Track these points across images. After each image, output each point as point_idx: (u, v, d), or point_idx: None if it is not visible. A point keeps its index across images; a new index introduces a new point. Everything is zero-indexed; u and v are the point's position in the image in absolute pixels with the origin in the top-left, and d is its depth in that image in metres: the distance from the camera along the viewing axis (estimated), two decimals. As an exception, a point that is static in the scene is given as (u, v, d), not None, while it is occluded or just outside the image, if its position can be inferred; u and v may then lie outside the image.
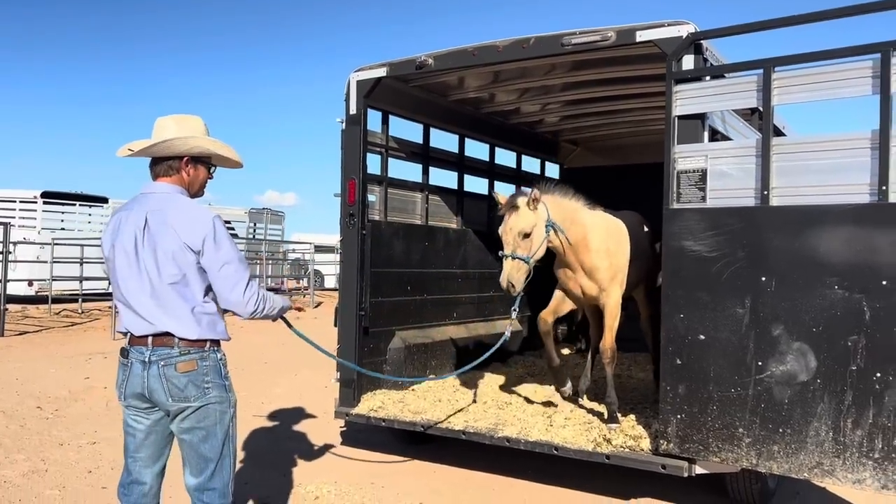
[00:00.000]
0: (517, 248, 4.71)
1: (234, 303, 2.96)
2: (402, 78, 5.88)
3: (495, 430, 5.01)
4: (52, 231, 18.65)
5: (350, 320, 5.74)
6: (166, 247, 2.87)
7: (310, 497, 4.94)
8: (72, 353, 10.79)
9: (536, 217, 4.78)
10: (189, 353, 2.91)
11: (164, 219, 2.90)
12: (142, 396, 2.95)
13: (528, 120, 7.81)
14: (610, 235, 5.23)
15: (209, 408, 2.96)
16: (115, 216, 3.05)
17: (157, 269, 2.88)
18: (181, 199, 3.00)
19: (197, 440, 2.97)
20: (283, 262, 26.66)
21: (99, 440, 6.20)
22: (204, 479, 2.99)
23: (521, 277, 4.72)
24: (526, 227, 4.72)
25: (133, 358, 2.95)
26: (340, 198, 5.86)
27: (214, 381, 2.97)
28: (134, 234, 2.92)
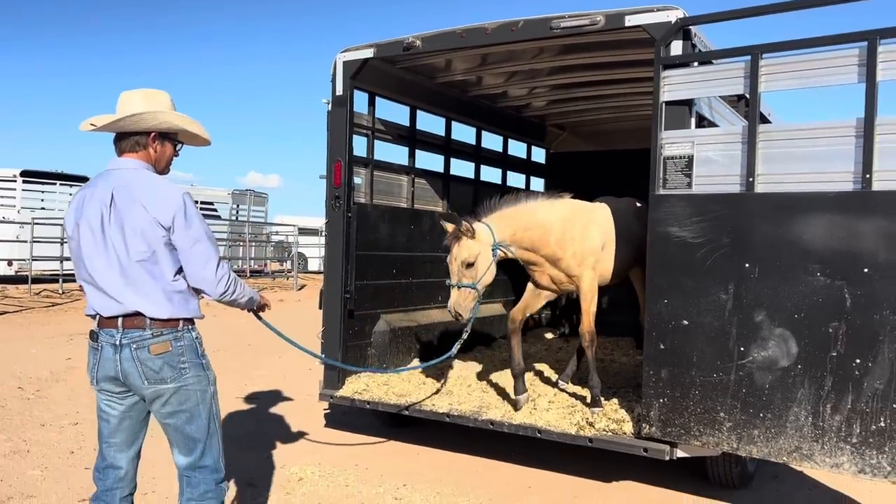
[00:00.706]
0: (462, 278, 4.80)
1: (206, 280, 2.88)
2: (389, 59, 5.83)
3: (479, 413, 5.04)
4: (32, 210, 18.42)
5: (335, 303, 5.73)
6: (135, 223, 2.78)
7: (293, 478, 4.95)
8: (53, 333, 10.71)
9: (480, 245, 4.84)
10: (162, 335, 2.83)
11: (131, 195, 2.80)
12: (115, 380, 2.87)
13: (515, 104, 7.79)
14: (572, 224, 5.19)
15: (188, 389, 2.90)
16: (78, 194, 2.95)
17: (125, 247, 2.79)
18: (149, 175, 2.91)
19: (181, 423, 2.92)
20: (266, 244, 26.55)
21: (81, 421, 6.17)
22: (195, 458, 2.97)
23: (469, 305, 4.82)
24: (468, 257, 4.80)
25: (103, 341, 2.86)
26: (326, 180, 5.83)
27: (191, 361, 2.90)
28: (100, 211, 2.82)
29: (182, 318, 2.88)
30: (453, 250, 4.85)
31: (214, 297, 2.94)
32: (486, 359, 6.84)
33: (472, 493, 4.76)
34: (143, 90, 2.98)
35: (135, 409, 2.96)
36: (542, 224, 5.08)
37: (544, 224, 5.09)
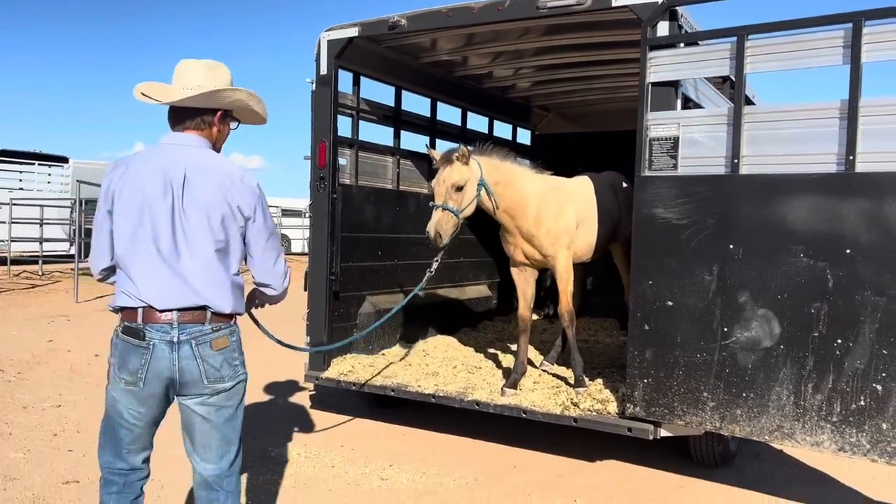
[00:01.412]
0: (448, 200, 4.82)
1: (277, 274, 2.78)
2: (374, 38, 5.78)
3: (465, 394, 5.06)
4: (10, 191, 18.14)
5: (320, 285, 5.71)
6: (213, 210, 2.57)
7: (280, 460, 4.95)
8: (33, 315, 10.60)
9: (469, 173, 4.90)
10: (221, 329, 2.64)
11: (212, 179, 2.59)
12: (168, 381, 2.59)
13: (500, 84, 7.75)
14: (547, 202, 5.21)
15: (238, 386, 2.73)
16: (130, 166, 2.61)
17: (200, 233, 2.56)
18: (221, 159, 2.71)
19: (223, 420, 2.69)
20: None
21: (63, 403, 6.12)
22: (226, 464, 2.74)
23: (449, 229, 4.83)
24: (458, 180, 4.84)
25: (153, 339, 2.55)
26: (310, 161, 5.78)
27: (240, 359, 2.75)
28: (169, 190, 2.55)
29: (238, 313, 2.73)
30: (443, 172, 4.88)
31: (278, 292, 2.84)
32: (471, 340, 6.87)
33: (458, 473, 4.79)
34: (205, 62, 2.74)
35: (160, 411, 2.71)
36: (520, 190, 5.11)
37: (521, 191, 5.12)
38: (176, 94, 2.65)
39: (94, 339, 8.47)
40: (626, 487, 4.65)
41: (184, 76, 2.69)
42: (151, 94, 2.66)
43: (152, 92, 2.67)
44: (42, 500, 4.16)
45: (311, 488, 4.49)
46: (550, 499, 4.41)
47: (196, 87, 2.64)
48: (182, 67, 2.71)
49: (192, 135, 2.70)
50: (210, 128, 2.74)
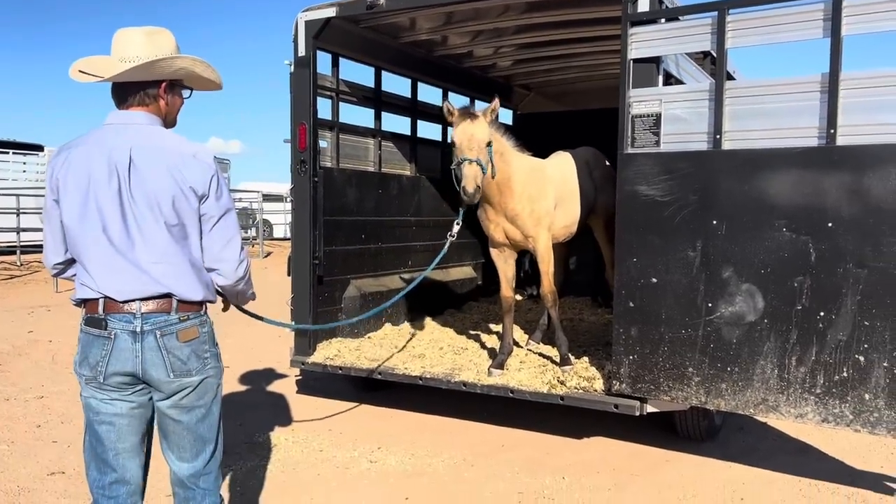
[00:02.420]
0: (480, 155, 4.65)
1: (227, 259, 2.49)
2: (352, 19, 5.69)
3: (452, 375, 5.06)
4: (-15, 181, 17.85)
5: (304, 269, 5.66)
6: (163, 190, 2.36)
7: (267, 445, 4.94)
8: (12, 306, 10.47)
9: (491, 132, 4.79)
10: (189, 319, 2.45)
11: (157, 157, 2.38)
12: (129, 375, 2.42)
13: (480, 64, 7.68)
14: (531, 181, 5.19)
15: (208, 382, 2.52)
16: (73, 151, 2.41)
17: (152, 217, 2.37)
18: (169, 134, 2.48)
19: (195, 420, 2.52)
20: (230, 211, 26.08)
21: (46, 394, 6.06)
22: (201, 464, 2.56)
23: (481, 185, 4.66)
24: (487, 136, 4.71)
25: (115, 328, 2.39)
26: (291, 144, 5.71)
27: (212, 351, 2.54)
28: (115, 174, 2.36)
29: (208, 300, 2.53)
30: (469, 127, 4.68)
31: (229, 281, 2.54)
32: (457, 321, 6.87)
33: (447, 454, 4.81)
34: (144, 29, 2.47)
35: (144, 406, 2.51)
36: (509, 164, 5.01)
37: (510, 166, 5.02)
38: (113, 69, 2.40)
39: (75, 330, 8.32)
40: (613, 463, 4.69)
41: (121, 47, 2.44)
42: (89, 70, 2.42)
43: (90, 68, 2.43)
44: (28, 491, 4.12)
45: (300, 473, 4.49)
46: (539, 476, 4.44)
47: (135, 59, 2.40)
48: (118, 37, 2.46)
49: (138, 111, 2.47)
50: (156, 101, 2.49)
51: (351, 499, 4.10)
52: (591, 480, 4.40)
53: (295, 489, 4.22)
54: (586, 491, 4.24)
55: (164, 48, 2.46)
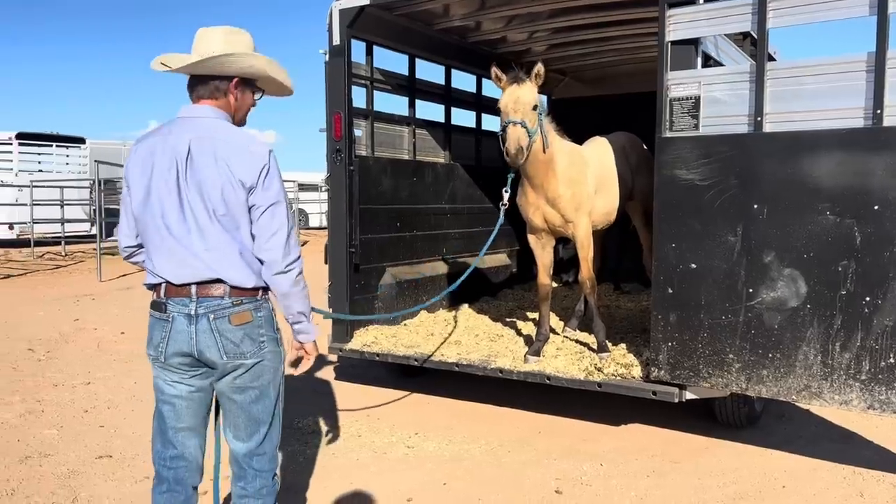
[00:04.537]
0: (525, 118, 4.59)
1: (270, 250, 2.49)
2: (386, 6, 5.70)
3: (488, 362, 5.07)
4: (30, 173, 18.32)
5: (340, 258, 5.72)
6: (215, 181, 2.44)
7: (307, 430, 5.02)
8: (59, 295, 10.75)
9: (538, 96, 4.72)
10: (242, 304, 2.52)
11: (212, 148, 2.45)
12: (187, 356, 2.53)
13: (515, 49, 7.63)
14: (572, 164, 5.13)
15: (264, 364, 2.60)
16: (142, 143, 2.55)
17: (204, 207, 2.45)
18: (229, 127, 2.56)
19: (249, 401, 2.61)
20: (266, 201, 26.39)
21: (93, 380, 6.23)
22: (254, 444, 2.65)
23: (525, 148, 4.58)
24: (534, 99, 4.65)
25: (173, 311, 2.51)
26: (326, 133, 5.75)
27: (268, 335, 2.60)
28: (175, 164, 2.46)
29: (262, 286, 2.58)
30: (518, 90, 4.63)
31: (271, 273, 2.52)
32: (492, 308, 6.88)
33: (483, 440, 4.83)
34: (224, 28, 2.59)
35: (204, 390, 2.63)
36: (552, 143, 4.93)
37: (553, 145, 4.94)
38: (183, 60, 2.51)
39: (119, 317, 8.59)
40: (651, 450, 4.66)
41: (201, 43, 2.56)
42: (169, 62, 2.53)
43: (170, 61, 2.54)
44: (77, 474, 4.25)
45: (339, 457, 4.55)
46: (576, 462, 4.44)
47: (210, 53, 2.50)
48: (199, 35, 2.59)
49: (207, 105, 2.56)
50: (226, 96, 2.58)
51: (389, 483, 4.14)
52: (630, 467, 4.38)
53: (335, 473, 4.28)
54: (625, 477, 4.23)
55: (241, 46, 2.57)
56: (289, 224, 2.54)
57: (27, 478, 4.17)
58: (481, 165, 7.68)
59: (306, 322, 2.65)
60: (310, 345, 2.72)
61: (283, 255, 2.51)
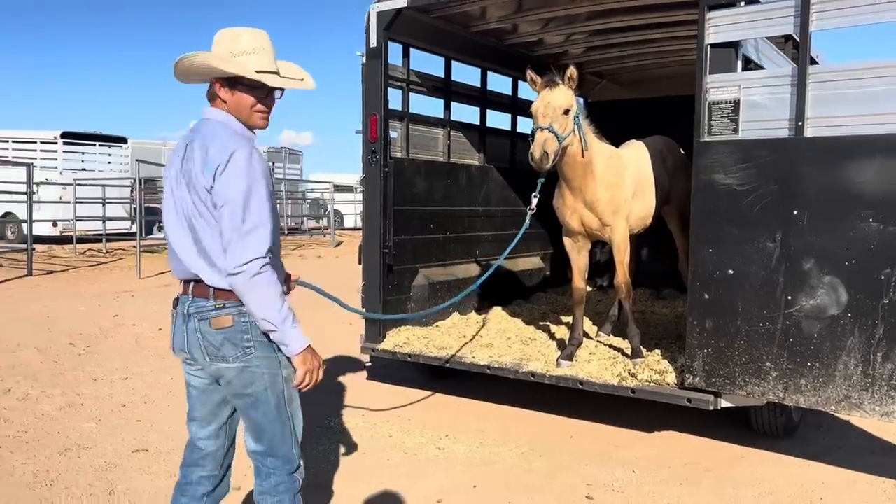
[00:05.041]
0: (554, 122, 4.56)
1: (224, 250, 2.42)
2: (423, 9, 5.72)
3: (520, 365, 5.05)
4: (74, 172, 18.77)
5: (374, 258, 5.75)
6: (195, 179, 2.45)
7: (337, 429, 5.05)
8: (99, 291, 10.98)
9: (573, 99, 4.67)
10: (224, 307, 2.49)
11: (198, 148, 2.47)
12: (185, 352, 2.61)
13: (551, 52, 7.60)
14: (611, 167, 5.07)
15: (253, 371, 2.54)
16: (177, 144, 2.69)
17: (192, 205, 2.47)
18: (218, 127, 2.53)
19: (246, 406, 2.61)
20: (302, 201, 26.76)
21: (131, 375, 6.35)
22: (263, 446, 2.65)
23: (552, 153, 4.53)
24: (565, 103, 4.60)
25: (178, 309, 2.61)
26: (362, 135, 5.79)
27: (258, 340, 2.53)
28: (176, 166, 2.56)
29: None
30: (549, 94, 4.61)
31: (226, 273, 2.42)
32: (524, 312, 6.85)
33: (514, 443, 4.81)
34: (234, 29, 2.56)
35: (214, 384, 2.67)
36: (591, 144, 4.88)
37: (592, 147, 4.89)
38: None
39: (157, 314, 8.74)
40: (685, 457, 4.60)
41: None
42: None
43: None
44: (115, 467, 4.34)
45: (370, 457, 4.57)
46: (608, 468, 4.40)
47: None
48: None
49: (212, 109, 2.60)
50: (217, 99, 2.57)
51: (419, 485, 4.15)
52: (662, 474, 4.33)
53: (365, 473, 4.31)
54: (657, 485, 4.18)
55: (218, 45, 2.54)
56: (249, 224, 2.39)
57: (66, 469, 4.26)
58: (516, 168, 7.66)
59: (278, 331, 2.47)
60: (297, 357, 2.52)
61: (231, 256, 2.40)
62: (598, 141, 5.09)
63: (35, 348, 7.02)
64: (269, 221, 2.45)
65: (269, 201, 2.47)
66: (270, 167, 15.46)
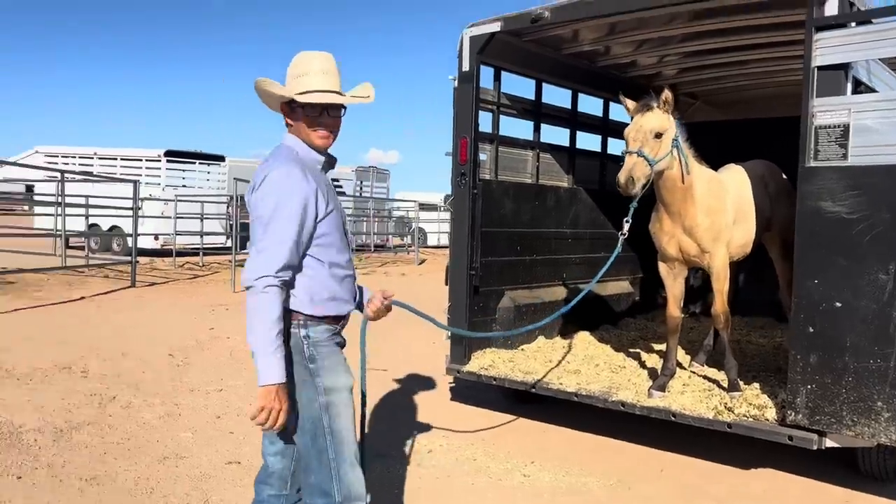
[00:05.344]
0: (644, 147, 4.45)
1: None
2: (515, 32, 5.74)
3: (609, 394, 4.93)
4: (175, 188, 19.73)
5: (461, 279, 5.77)
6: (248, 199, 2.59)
7: (423, 450, 5.06)
8: (196, 304, 11.46)
9: (669, 122, 4.55)
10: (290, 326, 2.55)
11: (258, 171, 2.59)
12: None
13: (644, 73, 7.48)
14: (711, 192, 4.90)
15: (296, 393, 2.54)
16: None
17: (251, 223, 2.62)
18: (278, 151, 2.62)
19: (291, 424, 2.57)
20: (387, 219, 27.21)
21: (225, 388, 6.57)
22: (305, 474, 2.61)
23: (642, 178, 4.41)
24: (658, 126, 4.48)
25: None
26: (452, 157, 5.85)
27: (296, 361, 2.52)
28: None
29: (293, 309, 2.54)
30: (638, 119, 4.54)
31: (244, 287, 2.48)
32: (613, 338, 6.71)
33: (601, 474, 4.69)
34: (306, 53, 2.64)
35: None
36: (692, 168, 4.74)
37: (693, 171, 4.74)
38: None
39: (249, 328, 9.02)
40: (783, 497, 4.37)
41: None
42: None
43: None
44: (209, 477, 4.48)
45: (454, 481, 4.55)
46: (701, 506, 4.23)
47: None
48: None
49: (286, 134, 2.68)
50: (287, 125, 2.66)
51: (505, 512, 4.10)
52: (760, 515, 4.12)
53: (450, 497, 4.29)
54: (754, 526, 3.98)
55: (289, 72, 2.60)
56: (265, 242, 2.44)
57: (165, 478, 4.44)
58: (605, 190, 7.55)
59: (257, 356, 2.42)
60: (259, 390, 2.41)
61: (245, 270, 2.47)
62: (699, 165, 4.94)
63: (138, 358, 7.37)
64: (289, 240, 2.43)
65: (296, 221, 2.45)
66: (358, 185, 15.89)
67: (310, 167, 2.58)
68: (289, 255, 2.44)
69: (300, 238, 2.47)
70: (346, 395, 2.59)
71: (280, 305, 2.43)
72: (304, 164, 2.57)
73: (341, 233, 2.66)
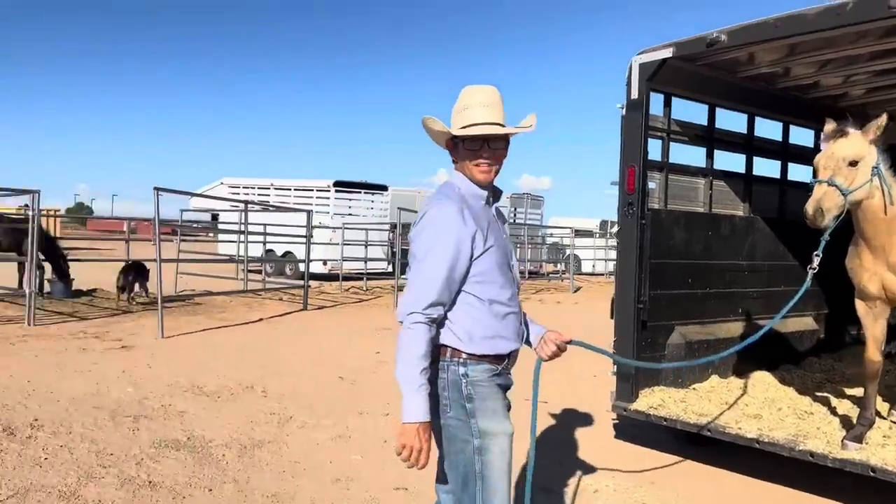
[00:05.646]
0: (836, 175, 4.09)
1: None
2: (688, 57, 5.53)
3: (796, 442, 4.54)
4: (342, 216, 20.85)
5: (627, 313, 5.58)
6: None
7: (588, 490, 4.91)
8: (362, 327, 11.96)
9: (868, 149, 4.16)
10: (438, 360, 2.52)
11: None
12: None
13: (828, 94, 6.95)
14: None
15: (448, 429, 2.53)
16: None
17: None
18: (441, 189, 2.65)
19: (442, 460, 2.62)
20: (541, 245, 27.10)
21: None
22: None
23: (833, 209, 4.04)
24: (854, 154, 4.11)
25: None
26: (618, 186, 5.71)
27: (454, 400, 2.50)
28: None
29: (442, 344, 2.51)
30: (835, 144, 4.21)
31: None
32: (796, 379, 6.21)
33: (787, 530, 4.32)
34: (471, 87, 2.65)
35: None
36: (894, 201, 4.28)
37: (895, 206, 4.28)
38: None
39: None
40: None
41: None
42: None
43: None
44: (378, 501, 4.61)
45: (624, 525, 4.37)
46: (909, 577, 3.76)
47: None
48: None
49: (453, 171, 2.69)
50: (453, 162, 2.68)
51: (680, 563, 3.87)
52: None
53: (620, 542, 4.12)
54: None
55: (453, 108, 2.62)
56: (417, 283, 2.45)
57: (337, 499, 4.62)
58: (785, 219, 7.06)
59: (402, 392, 2.38)
60: (399, 427, 2.38)
61: (398, 305, 2.51)
62: None
63: (312, 379, 7.79)
64: (438, 279, 2.42)
65: (447, 260, 2.43)
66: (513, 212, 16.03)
67: (472, 203, 2.56)
68: (437, 293, 2.43)
69: (452, 276, 2.46)
70: (502, 440, 2.53)
71: (427, 343, 2.41)
72: (466, 200, 2.55)
73: (504, 269, 2.62)
